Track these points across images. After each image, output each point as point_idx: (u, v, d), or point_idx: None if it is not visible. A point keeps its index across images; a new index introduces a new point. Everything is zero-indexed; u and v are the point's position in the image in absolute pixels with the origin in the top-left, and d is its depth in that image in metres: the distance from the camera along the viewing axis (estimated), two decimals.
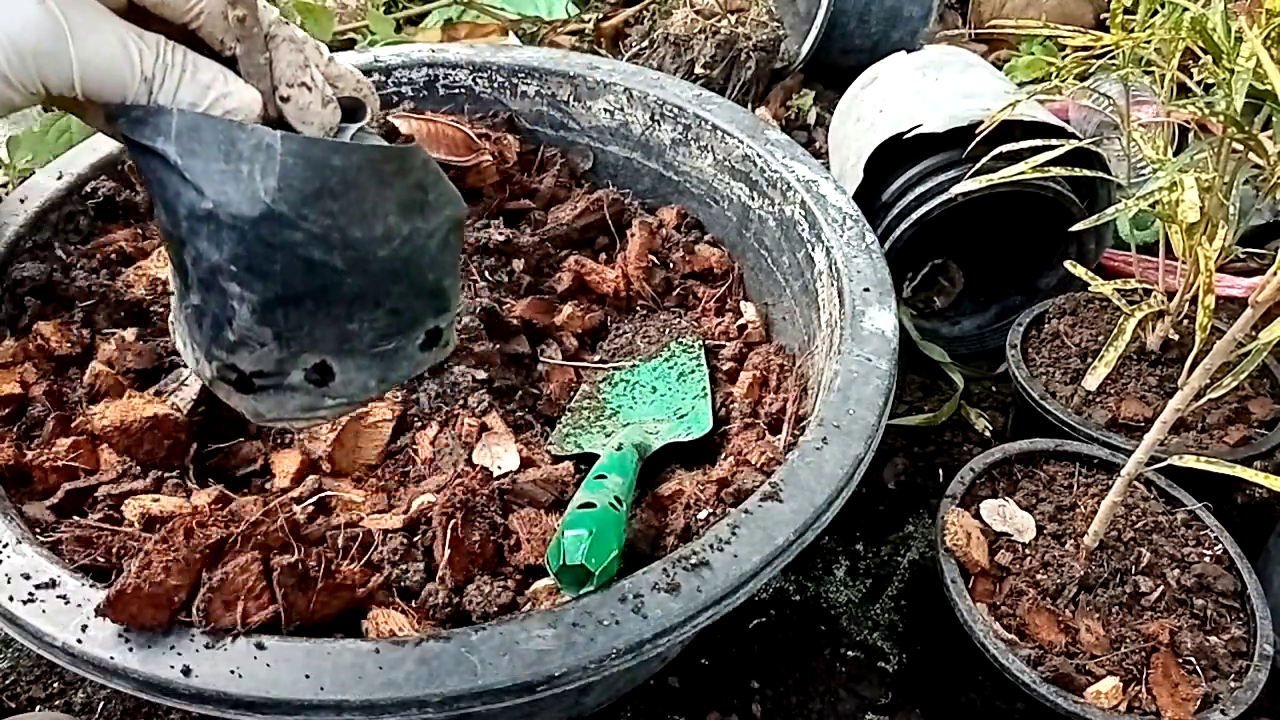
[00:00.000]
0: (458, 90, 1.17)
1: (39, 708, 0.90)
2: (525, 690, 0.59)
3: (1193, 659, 0.79)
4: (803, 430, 0.77)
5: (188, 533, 0.63)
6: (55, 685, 0.91)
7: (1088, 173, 0.98)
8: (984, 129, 1.03)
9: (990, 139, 1.02)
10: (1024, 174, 0.94)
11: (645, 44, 1.64)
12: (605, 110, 1.15)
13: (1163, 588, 0.83)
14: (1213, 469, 0.73)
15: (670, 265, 1.09)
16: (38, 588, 0.62)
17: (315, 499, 0.77)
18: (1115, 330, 0.96)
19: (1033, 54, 1.69)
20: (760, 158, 1.02)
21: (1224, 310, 1.07)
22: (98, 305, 0.90)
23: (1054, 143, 0.94)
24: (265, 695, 0.57)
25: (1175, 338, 1.04)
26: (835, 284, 0.88)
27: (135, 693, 0.59)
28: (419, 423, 0.86)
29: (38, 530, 0.69)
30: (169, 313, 0.55)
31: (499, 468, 0.81)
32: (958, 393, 1.22)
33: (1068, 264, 1.07)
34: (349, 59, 1.16)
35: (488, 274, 1.00)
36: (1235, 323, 0.69)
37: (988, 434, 1.19)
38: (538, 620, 0.61)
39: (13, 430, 0.78)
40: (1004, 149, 0.99)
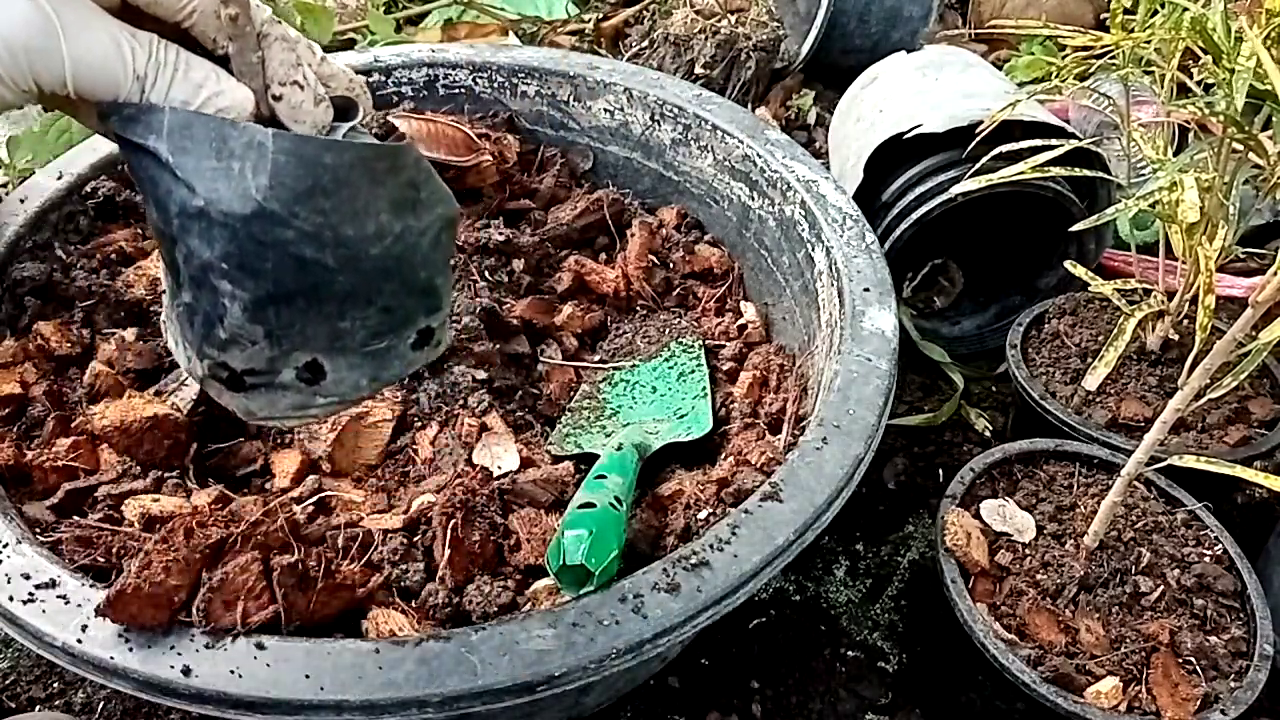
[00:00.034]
0: (458, 90, 1.17)
1: (39, 708, 0.90)
2: (525, 690, 0.59)
3: (1193, 659, 0.79)
4: (803, 430, 0.77)
5: (188, 533, 0.63)
6: (55, 685, 0.91)
7: (1088, 173, 0.98)
8: (984, 129, 1.03)
9: (990, 139, 1.02)
10: (1024, 174, 0.94)
11: (645, 44, 1.64)
12: (605, 110, 1.15)
13: (1163, 588, 0.83)
14: (1213, 469, 0.73)
15: (670, 265, 1.09)
16: (38, 588, 0.62)
17: (315, 499, 0.77)
18: (1115, 330, 0.96)
19: (1033, 54, 1.69)
20: (760, 158, 1.02)
21: (1224, 310, 1.07)
22: (98, 305, 0.90)
23: (1054, 143, 0.94)
24: (265, 695, 0.57)
25: (1175, 338, 1.04)
26: (835, 284, 0.88)
27: (135, 693, 0.59)
28: (419, 423, 0.86)
29: (38, 530, 0.69)
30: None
31: (499, 468, 0.81)
32: (958, 393, 1.22)
33: (1068, 264, 1.07)
34: (349, 59, 1.16)
35: (488, 274, 1.00)
36: (1235, 323, 0.69)
37: (988, 434, 1.19)
38: (538, 620, 0.61)
39: (13, 430, 0.78)
40: (1004, 149, 0.99)
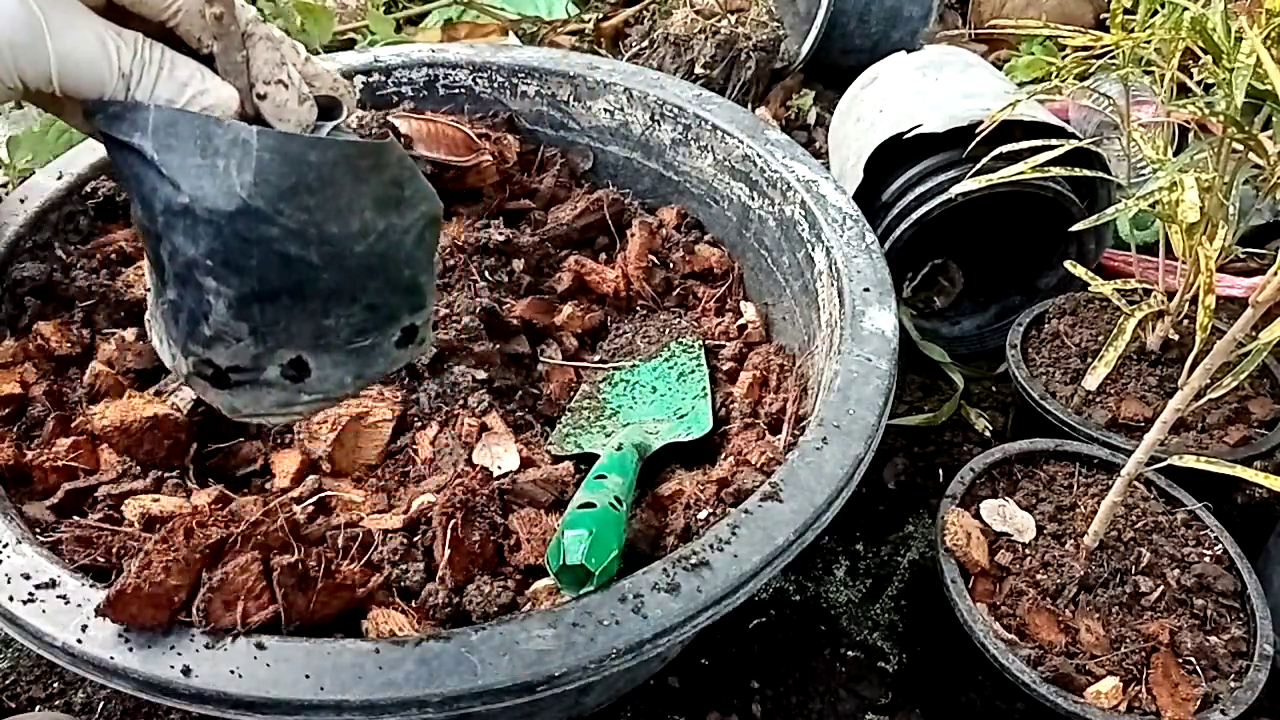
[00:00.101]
0: (458, 90, 1.17)
1: (39, 708, 0.90)
2: (525, 690, 0.59)
3: (1193, 659, 0.79)
4: (803, 430, 0.77)
5: (188, 533, 0.63)
6: (55, 685, 0.91)
7: (1088, 173, 0.98)
8: (984, 129, 1.03)
9: (990, 139, 1.02)
10: (1024, 174, 0.94)
11: (645, 44, 1.64)
12: (605, 110, 1.15)
13: (1163, 588, 0.83)
14: (1213, 469, 0.73)
15: (670, 265, 1.09)
16: (38, 588, 0.62)
17: (315, 499, 0.77)
18: (1115, 330, 0.96)
19: (1033, 54, 1.69)
20: (760, 158, 1.02)
21: (1224, 310, 1.07)
22: (98, 305, 0.90)
23: (1054, 143, 0.94)
24: (265, 695, 0.57)
25: (1175, 338, 1.04)
26: (835, 284, 0.88)
27: (135, 693, 0.59)
28: (419, 423, 0.86)
29: (38, 530, 0.69)
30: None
31: (499, 468, 0.81)
32: (958, 393, 1.22)
33: (1068, 264, 1.07)
34: (349, 59, 1.16)
35: (488, 274, 1.00)
36: (1235, 323, 0.69)
37: (988, 434, 1.19)
38: (538, 620, 0.61)
39: (13, 430, 0.78)
40: (1004, 149, 0.99)
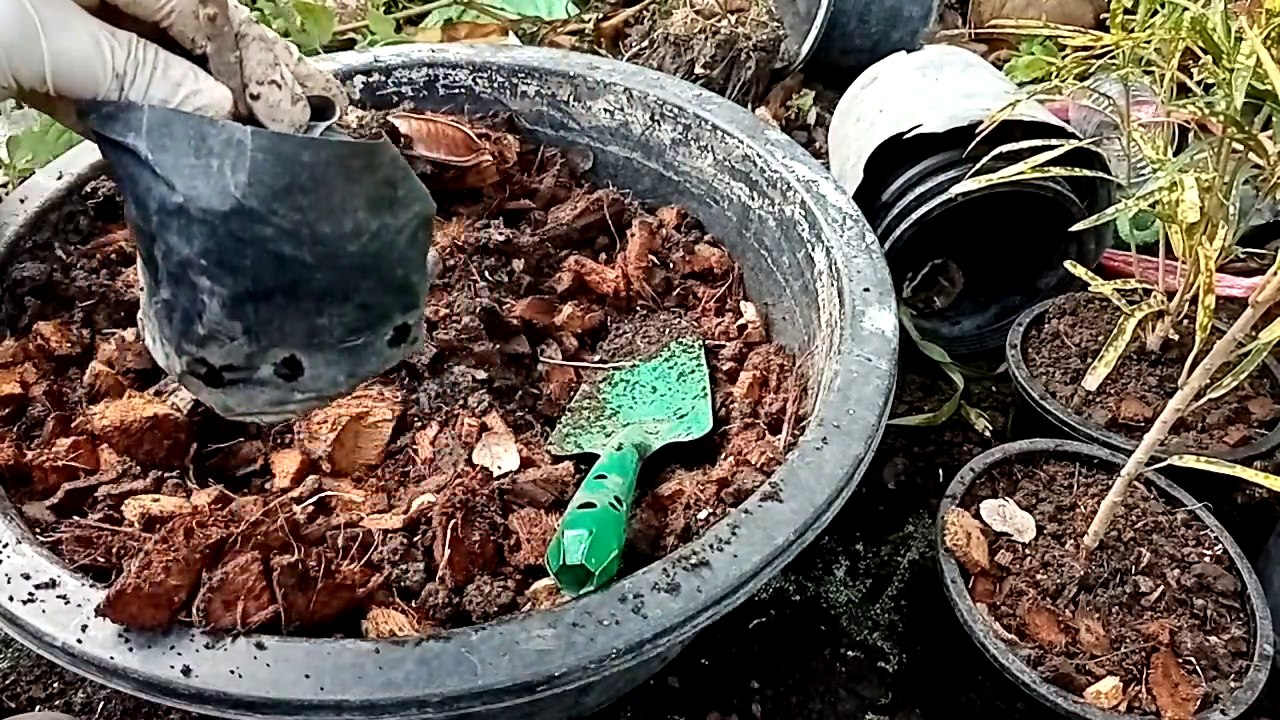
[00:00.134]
0: (458, 90, 1.17)
1: (39, 708, 0.90)
2: (525, 690, 0.59)
3: (1193, 659, 0.79)
4: (803, 430, 0.77)
5: (188, 533, 0.63)
6: (55, 685, 0.91)
7: (1088, 173, 0.98)
8: (984, 129, 1.03)
9: (990, 139, 1.02)
10: (1024, 174, 0.94)
11: (645, 44, 1.64)
12: (605, 110, 1.15)
13: (1163, 588, 0.83)
14: (1213, 469, 0.73)
15: (670, 265, 1.09)
16: (38, 588, 0.62)
17: (315, 499, 0.77)
18: (1115, 330, 0.96)
19: (1033, 54, 1.69)
20: (760, 158, 1.02)
21: (1224, 310, 1.07)
22: (98, 305, 0.90)
23: (1054, 143, 0.94)
24: (265, 695, 0.57)
25: (1175, 338, 1.04)
26: (835, 284, 0.88)
27: (135, 693, 0.59)
28: (419, 423, 0.86)
29: (38, 530, 0.69)
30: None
31: (499, 468, 0.81)
32: (958, 393, 1.22)
33: (1068, 264, 1.07)
34: (349, 59, 1.16)
35: (488, 274, 1.00)
36: (1235, 323, 0.69)
37: (988, 434, 1.19)
38: (538, 620, 0.61)
39: (13, 430, 0.78)
40: (1004, 149, 0.99)
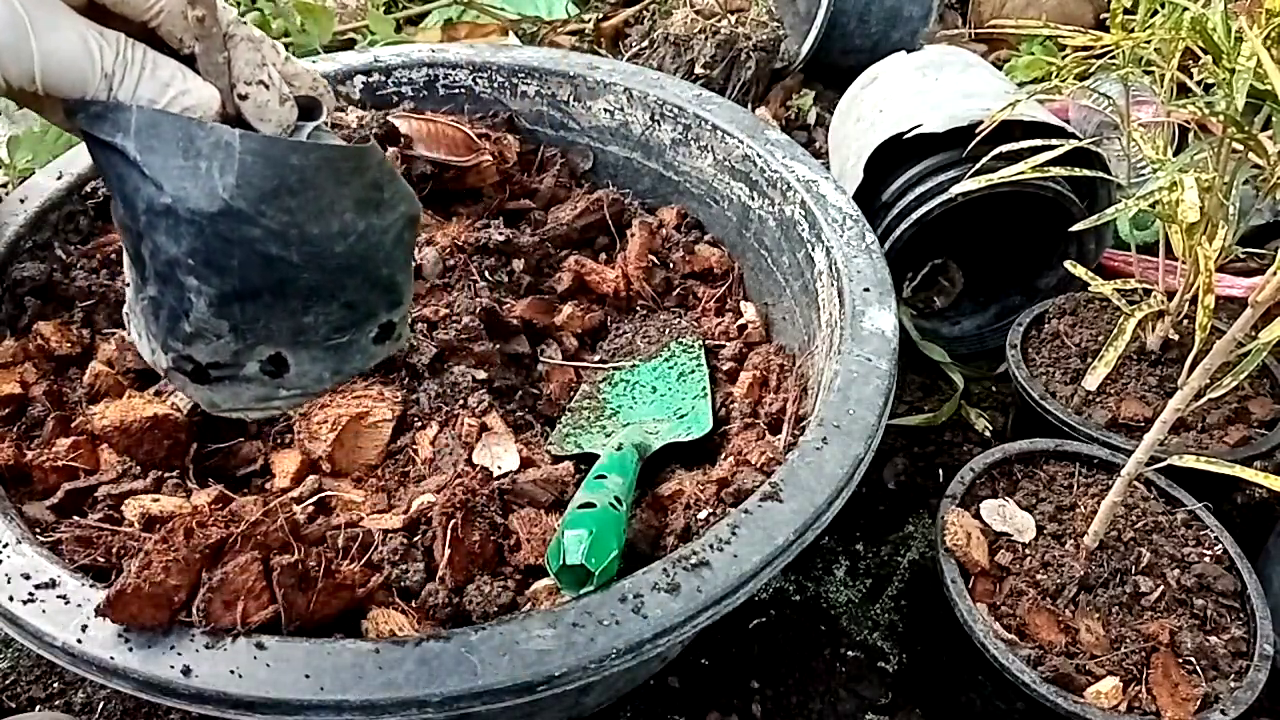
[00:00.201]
0: (458, 90, 1.17)
1: (39, 708, 0.90)
2: (525, 690, 0.59)
3: (1193, 659, 0.79)
4: (803, 430, 0.77)
5: (188, 533, 0.63)
6: (55, 685, 0.92)
7: (1088, 173, 0.98)
8: (984, 129, 1.03)
9: (990, 139, 1.02)
10: (1024, 174, 0.94)
11: (645, 44, 1.64)
12: (605, 110, 1.15)
13: (1163, 588, 0.83)
14: (1213, 469, 0.73)
15: (670, 265, 1.09)
16: (38, 588, 0.62)
17: (315, 499, 0.77)
18: (1115, 330, 0.96)
19: (1033, 54, 1.69)
20: (760, 158, 1.02)
21: (1224, 310, 1.07)
22: (98, 305, 0.90)
23: (1054, 143, 0.94)
24: (265, 695, 0.57)
25: (1175, 338, 1.04)
26: (835, 284, 0.88)
27: (135, 693, 0.59)
28: (419, 423, 0.86)
29: (38, 530, 0.69)
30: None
31: (499, 468, 0.81)
32: (958, 393, 1.22)
33: (1068, 264, 1.07)
34: (349, 59, 1.16)
35: (488, 274, 1.00)
36: (1235, 323, 0.69)
37: (988, 434, 1.19)
38: (538, 620, 0.61)
39: (13, 430, 0.78)
40: (1004, 149, 0.99)
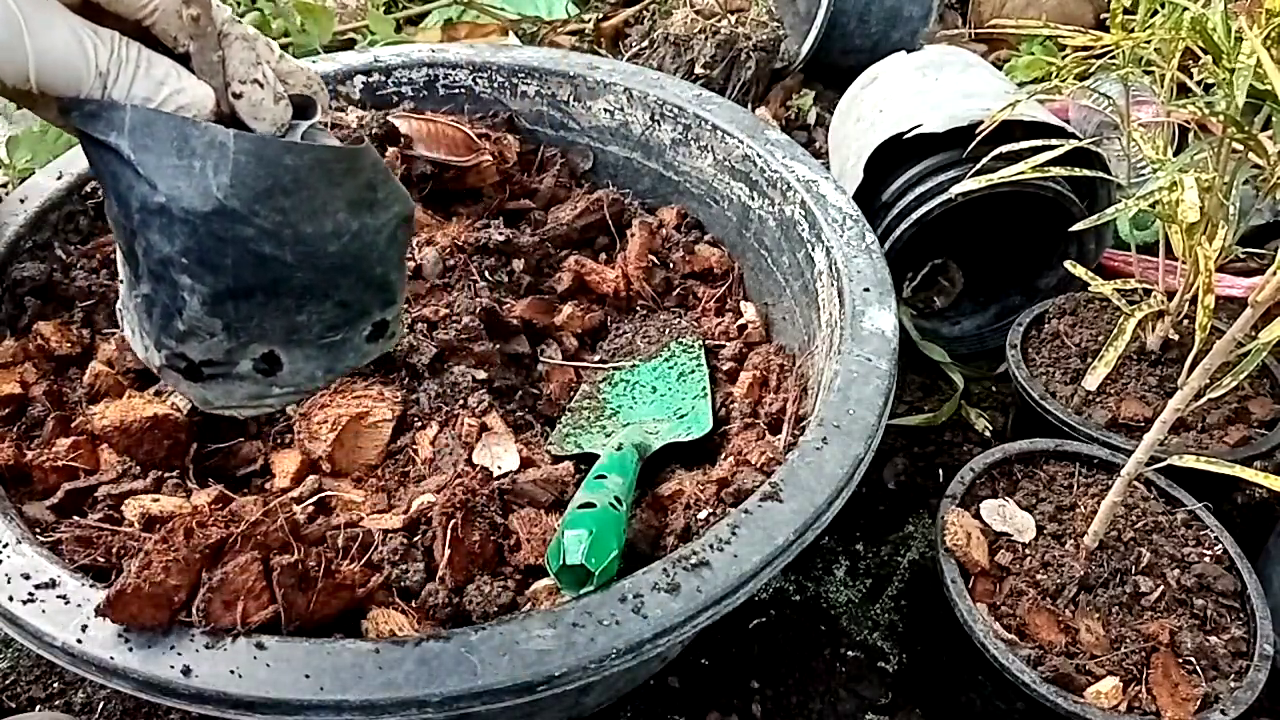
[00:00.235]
0: (458, 90, 1.17)
1: (39, 708, 0.90)
2: (525, 690, 0.59)
3: (1193, 659, 0.79)
4: (803, 430, 0.77)
5: (188, 533, 0.63)
6: (55, 685, 0.92)
7: (1088, 173, 0.98)
8: (984, 129, 1.03)
9: (990, 139, 1.02)
10: (1024, 174, 0.94)
11: (645, 44, 1.64)
12: (605, 110, 1.15)
13: (1163, 588, 0.83)
14: (1213, 469, 0.73)
15: (670, 265, 1.09)
16: (38, 588, 0.62)
17: (315, 499, 0.77)
18: (1115, 330, 0.96)
19: (1033, 54, 1.69)
20: (760, 158, 1.02)
21: (1224, 310, 1.07)
22: (98, 305, 0.90)
23: (1054, 143, 0.94)
24: (265, 695, 0.57)
25: (1175, 338, 1.04)
26: (835, 284, 0.88)
27: (135, 693, 0.59)
28: (419, 423, 0.86)
29: (38, 530, 0.69)
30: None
31: (499, 468, 0.81)
32: (958, 393, 1.22)
33: (1068, 264, 1.07)
34: (349, 59, 1.16)
35: (488, 274, 1.00)
36: (1235, 323, 0.69)
37: (988, 434, 1.19)
38: (538, 620, 0.61)
39: (13, 430, 0.78)
40: (1004, 149, 0.99)
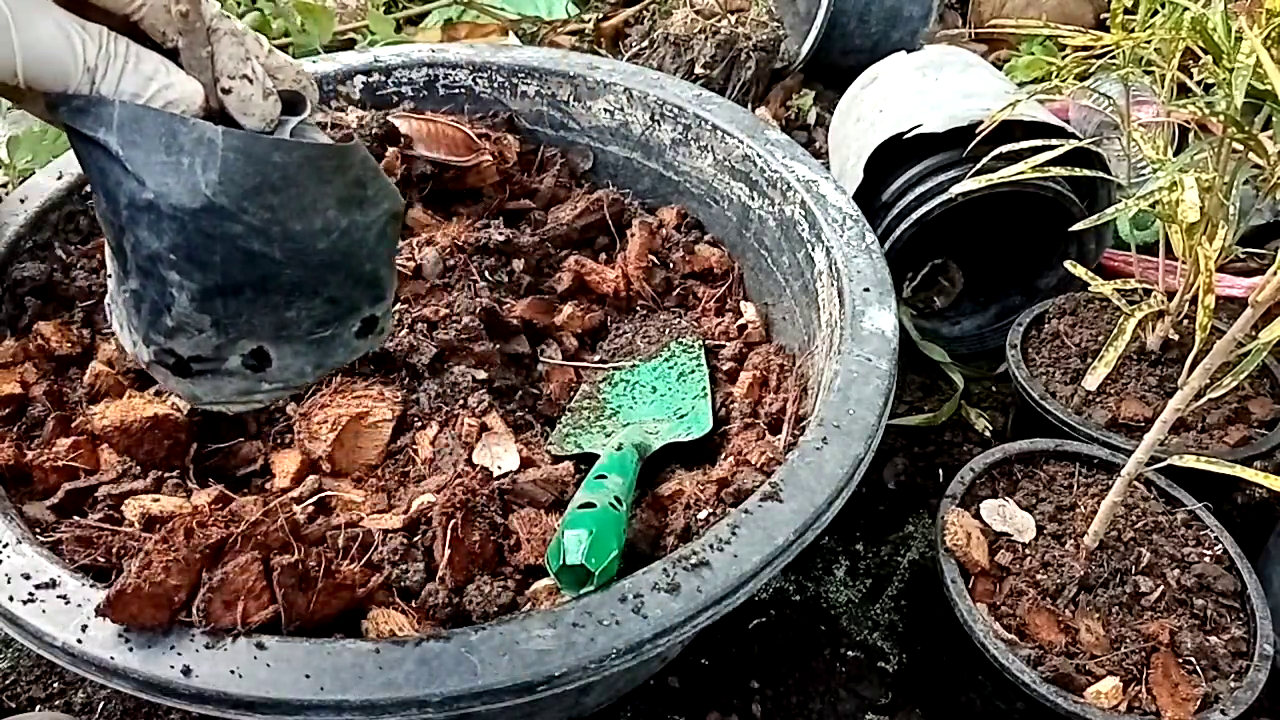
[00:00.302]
0: (458, 90, 1.17)
1: (39, 708, 0.90)
2: (525, 690, 0.59)
3: (1193, 659, 0.79)
4: (803, 430, 0.77)
5: (188, 533, 0.63)
6: (55, 685, 0.92)
7: (1088, 173, 0.98)
8: (984, 129, 1.03)
9: (990, 139, 1.02)
10: (1024, 174, 0.94)
11: (645, 44, 1.64)
12: (605, 110, 1.15)
13: (1163, 588, 0.83)
14: (1213, 469, 0.73)
15: (670, 265, 1.09)
16: (38, 588, 0.62)
17: (315, 499, 0.77)
18: (1115, 330, 0.96)
19: (1033, 54, 1.69)
20: (760, 158, 1.02)
21: (1224, 310, 1.07)
22: (98, 305, 0.90)
23: (1054, 143, 0.94)
24: (265, 695, 0.57)
25: (1175, 338, 1.04)
26: (835, 284, 0.88)
27: (135, 693, 0.59)
28: (419, 423, 0.86)
29: (38, 530, 0.69)
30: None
31: (499, 468, 0.81)
32: (958, 393, 1.22)
33: (1068, 264, 1.07)
34: (349, 59, 1.16)
35: (488, 274, 1.00)
36: (1235, 323, 0.69)
37: (988, 434, 1.19)
38: (538, 620, 0.61)
39: (13, 430, 0.78)
40: (1004, 149, 0.99)
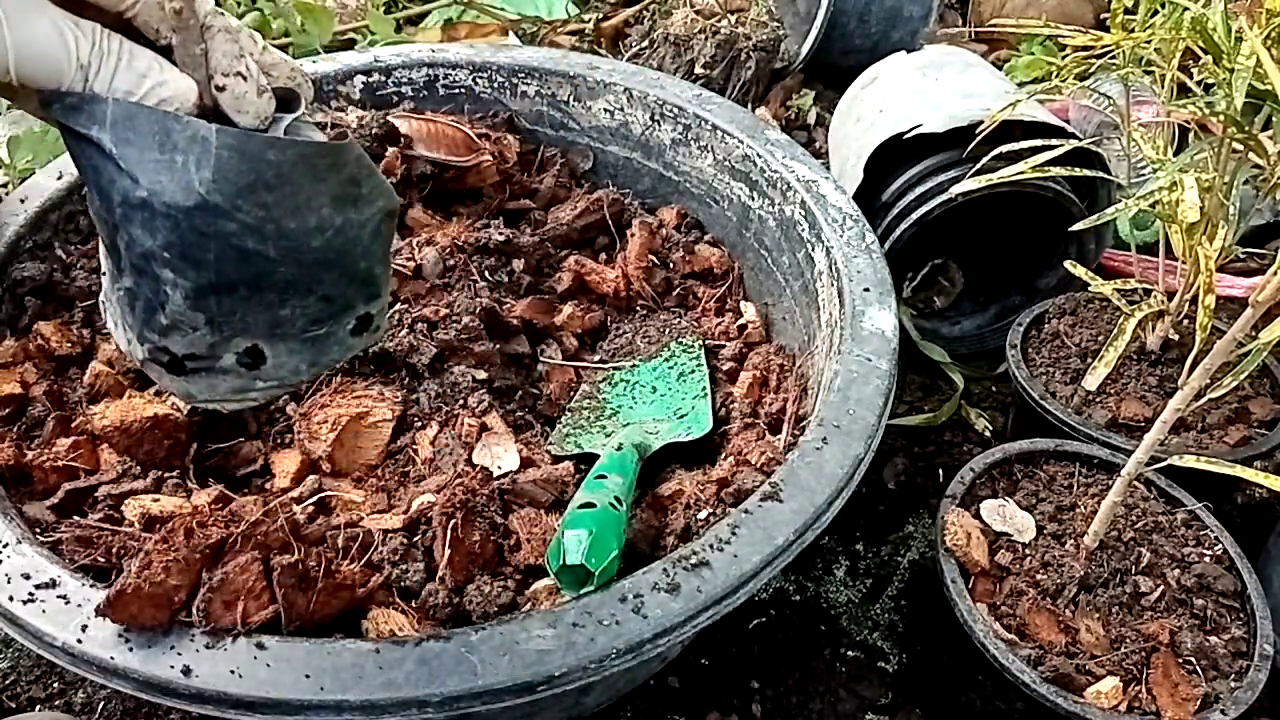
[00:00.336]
0: (458, 90, 1.17)
1: (39, 708, 0.90)
2: (525, 690, 0.59)
3: (1193, 659, 0.79)
4: (803, 430, 0.77)
5: (188, 533, 0.63)
6: (55, 685, 0.92)
7: (1088, 173, 0.98)
8: (984, 129, 1.03)
9: (990, 139, 1.02)
10: (1024, 174, 0.94)
11: (645, 44, 1.64)
12: (605, 110, 1.15)
13: (1163, 588, 0.83)
14: (1213, 469, 0.73)
15: (670, 265, 1.09)
16: (38, 588, 0.62)
17: (315, 499, 0.77)
18: (1115, 330, 0.96)
19: (1033, 54, 1.69)
20: (760, 158, 1.02)
21: (1224, 310, 1.07)
22: (97, 305, 0.90)
23: (1054, 143, 0.94)
24: (265, 695, 0.57)
25: (1175, 338, 1.04)
26: (835, 284, 0.88)
27: (135, 693, 0.59)
28: (419, 423, 0.86)
29: (38, 530, 0.69)
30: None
31: (499, 468, 0.81)
32: (958, 393, 1.22)
33: (1068, 264, 1.07)
34: (349, 59, 1.16)
35: (488, 274, 1.00)
36: (1235, 323, 0.69)
37: (988, 434, 1.19)
38: (538, 620, 0.61)
39: (13, 430, 0.78)
40: (1004, 149, 0.99)
